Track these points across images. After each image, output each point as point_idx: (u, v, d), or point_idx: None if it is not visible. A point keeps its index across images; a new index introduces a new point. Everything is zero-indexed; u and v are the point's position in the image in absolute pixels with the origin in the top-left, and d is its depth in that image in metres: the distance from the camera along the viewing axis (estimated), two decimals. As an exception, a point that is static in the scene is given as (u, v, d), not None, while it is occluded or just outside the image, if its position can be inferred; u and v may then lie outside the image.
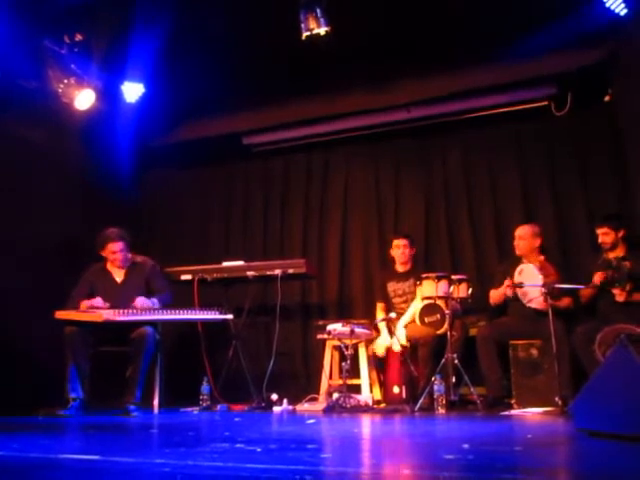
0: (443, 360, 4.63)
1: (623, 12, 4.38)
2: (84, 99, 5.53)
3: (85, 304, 4.76)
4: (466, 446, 2.44)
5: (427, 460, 2.14)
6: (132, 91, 5.64)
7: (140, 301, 4.80)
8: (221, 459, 2.16)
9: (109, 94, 5.69)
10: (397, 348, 5.06)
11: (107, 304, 4.73)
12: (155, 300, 4.91)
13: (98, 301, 4.74)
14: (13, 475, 2.11)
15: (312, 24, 4.47)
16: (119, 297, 4.85)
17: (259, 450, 2.37)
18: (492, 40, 5.06)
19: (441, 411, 4.43)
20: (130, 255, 5.11)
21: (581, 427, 2.86)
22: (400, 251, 5.42)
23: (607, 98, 5.30)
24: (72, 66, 5.45)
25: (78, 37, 5.38)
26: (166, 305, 4.99)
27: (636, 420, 2.44)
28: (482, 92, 5.46)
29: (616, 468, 2.07)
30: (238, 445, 2.56)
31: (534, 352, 4.83)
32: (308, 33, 4.49)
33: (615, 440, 2.51)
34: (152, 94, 5.73)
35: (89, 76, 5.52)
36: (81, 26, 5.33)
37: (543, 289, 4.56)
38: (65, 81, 5.46)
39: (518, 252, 5.04)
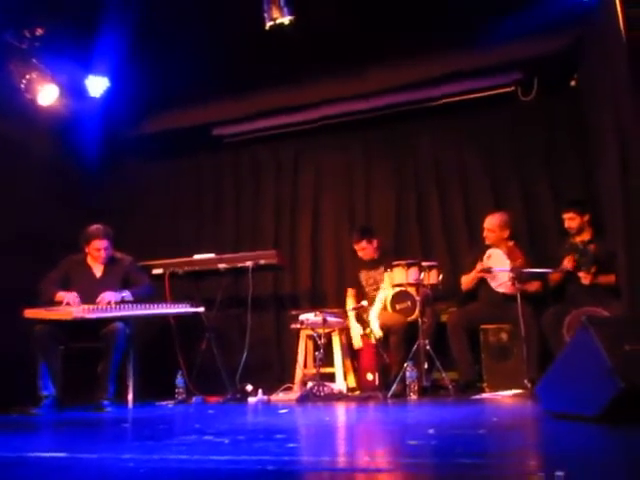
0: (415, 347, 4.67)
1: (588, -1, 4.42)
2: (47, 94, 5.43)
3: (60, 296, 4.70)
4: (431, 431, 2.47)
5: (391, 446, 2.17)
6: (96, 85, 5.55)
7: (106, 296, 4.75)
8: (187, 452, 2.18)
9: (73, 89, 5.60)
10: (374, 339, 5.09)
11: (79, 300, 4.68)
12: (126, 292, 4.87)
13: (73, 296, 4.69)
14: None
15: (275, 13, 4.43)
16: (97, 292, 4.80)
17: (227, 442, 2.38)
18: (459, 27, 5.06)
19: (413, 397, 4.48)
20: (112, 252, 5.08)
21: (547, 409, 2.92)
22: (361, 253, 5.46)
23: (573, 83, 5.35)
24: (33, 60, 5.37)
25: (39, 31, 5.29)
26: (147, 296, 4.97)
27: (598, 401, 2.49)
28: (449, 79, 5.47)
29: (577, 449, 2.12)
30: (207, 437, 2.58)
31: (504, 336, 4.91)
32: (272, 23, 4.45)
33: (579, 421, 2.57)
34: (119, 87, 5.64)
35: (52, 71, 5.43)
36: (43, 19, 5.25)
37: (511, 274, 4.63)
38: (27, 76, 5.37)
39: (487, 242, 5.09)
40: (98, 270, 5.05)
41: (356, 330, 5.27)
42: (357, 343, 5.28)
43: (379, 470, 1.69)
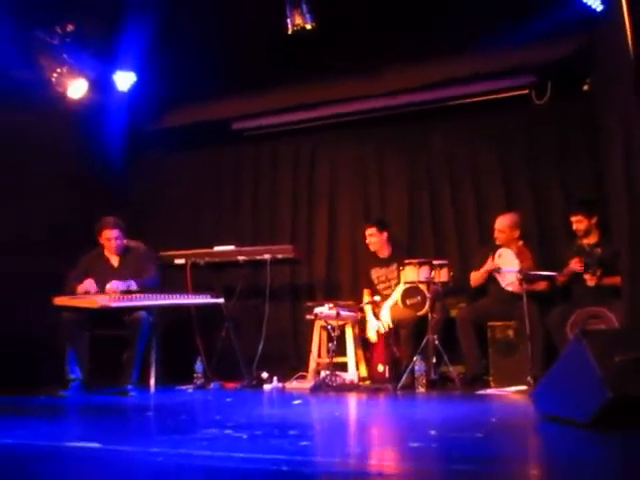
0: (424, 341, 4.87)
1: (599, 8, 4.52)
2: (77, 88, 5.64)
3: (80, 288, 4.96)
4: (433, 432, 2.69)
5: (393, 448, 2.39)
6: (124, 80, 5.75)
7: (112, 285, 4.95)
8: (210, 447, 2.40)
9: (101, 83, 5.81)
10: (382, 330, 5.30)
11: (96, 287, 4.92)
12: (131, 282, 5.03)
13: (90, 283, 4.94)
14: (18, 462, 2.33)
15: (298, 20, 4.59)
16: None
17: (245, 437, 2.61)
18: (474, 30, 5.17)
19: (421, 390, 4.69)
20: (125, 241, 5.32)
21: (542, 412, 3.12)
22: (369, 239, 5.64)
23: (585, 87, 5.45)
24: (64, 56, 5.58)
25: (69, 27, 5.49)
26: (149, 287, 5.11)
27: (588, 408, 2.69)
28: (464, 80, 5.60)
29: (564, 455, 2.32)
30: (227, 431, 2.81)
31: (510, 333, 5.08)
32: (294, 28, 4.61)
33: (570, 426, 2.77)
34: (143, 81, 5.83)
35: (82, 65, 5.64)
36: (72, 16, 5.45)
37: (519, 275, 4.80)
38: (58, 70, 5.58)
39: (498, 242, 5.24)
40: (115, 261, 5.29)
41: (373, 324, 5.45)
42: (373, 337, 5.46)
43: (380, 475, 1.91)
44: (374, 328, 5.43)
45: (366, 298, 5.66)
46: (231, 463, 2.10)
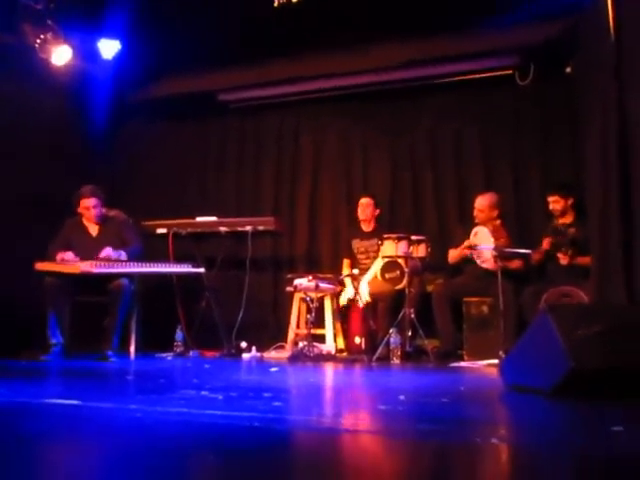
0: (401, 314, 4.99)
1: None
2: (61, 55, 5.62)
3: (59, 256, 5.01)
4: (402, 397, 2.80)
5: (362, 410, 2.49)
6: (109, 48, 5.75)
7: (105, 252, 5.02)
8: (186, 406, 2.49)
9: (86, 50, 5.80)
10: (361, 303, 5.41)
11: (77, 258, 4.97)
12: (122, 252, 5.11)
13: (69, 255, 4.99)
14: (3, 418, 2.41)
15: (284, -7, 4.61)
16: (94, 250, 5.07)
17: (220, 398, 2.71)
18: (461, 9, 5.24)
19: (396, 361, 4.81)
20: (104, 210, 5.35)
21: (509, 382, 3.24)
22: (362, 209, 5.75)
23: (568, 70, 5.52)
24: (48, 22, 5.55)
25: (54, -7, 5.46)
26: (135, 257, 5.19)
27: (550, 378, 2.81)
28: (449, 59, 5.67)
29: (525, 419, 2.44)
30: (203, 393, 2.90)
31: (485, 309, 5.21)
32: (281, 2, 4.63)
33: (534, 394, 2.89)
34: (128, 50, 5.84)
35: (66, 32, 5.62)
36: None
37: (494, 252, 4.92)
38: (42, 37, 5.56)
39: (477, 221, 5.34)
40: (94, 230, 5.32)
41: (348, 292, 5.55)
42: (342, 301, 5.58)
43: (347, 431, 2.01)
44: (347, 295, 5.53)
45: (345, 270, 5.77)
46: (205, 419, 2.19)
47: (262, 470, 1.57)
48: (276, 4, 4.73)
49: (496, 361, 4.70)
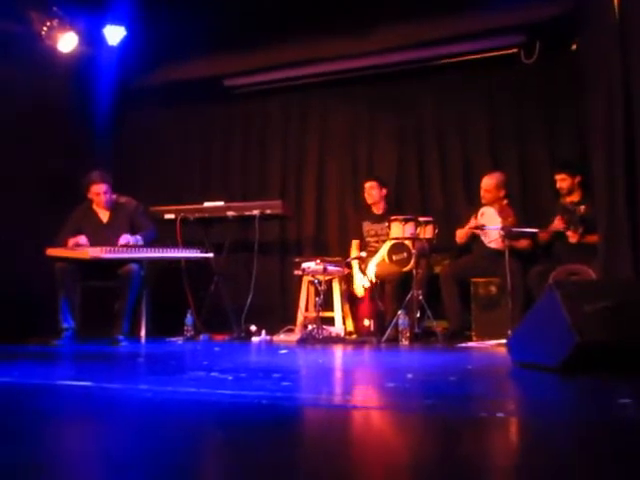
0: (409, 296, 5.01)
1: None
2: (67, 41, 5.65)
3: (71, 241, 5.06)
4: (410, 376, 2.82)
5: (370, 387, 2.52)
6: (114, 34, 5.75)
7: (124, 238, 5.09)
8: (196, 386, 2.53)
9: (91, 37, 5.81)
10: (367, 285, 5.44)
11: (87, 242, 5.03)
12: (139, 237, 5.19)
13: (82, 239, 5.05)
14: (16, 398, 2.45)
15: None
16: (105, 236, 5.15)
17: (230, 378, 2.74)
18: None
19: (405, 343, 4.83)
20: (115, 196, 5.39)
21: (516, 359, 3.26)
22: (368, 193, 5.77)
23: (573, 47, 5.49)
24: (54, 9, 5.56)
25: (60, -20, 5.47)
26: (151, 241, 5.28)
27: (557, 354, 2.82)
28: (454, 39, 5.64)
29: (531, 394, 2.46)
30: (213, 374, 2.93)
31: (493, 289, 5.22)
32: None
33: (542, 371, 2.91)
34: (134, 36, 5.84)
35: (72, 19, 5.63)
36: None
37: (501, 231, 4.92)
38: (48, 24, 5.58)
39: (484, 202, 5.34)
40: (104, 216, 5.37)
41: (359, 280, 5.59)
42: (359, 292, 5.59)
43: (354, 407, 2.04)
44: (361, 284, 5.56)
45: (354, 251, 5.79)
46: (214, 398, 2.23)
47: (270, 444, 1.60)
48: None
49: (504, 341, 4.73)
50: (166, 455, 1.48)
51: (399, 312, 4.91)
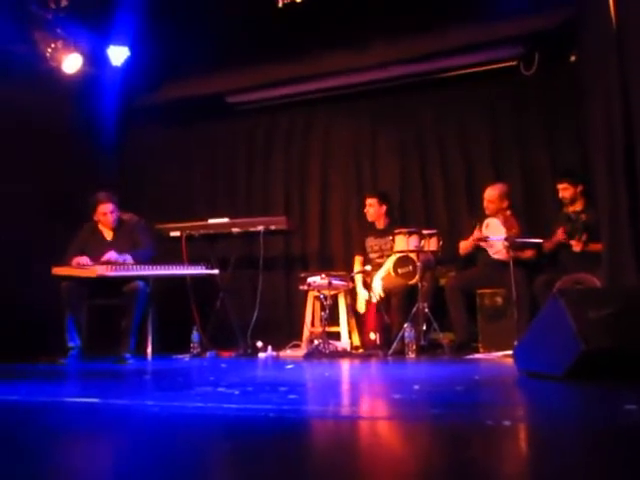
0: (414, 309, 5.01)
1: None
2: (72, 63, 5.71)
3: (75, 261, 5.08)
4: (416, 387, 2.82)
5: (376, 399, 2.52)
6: (118, 54, 5.81)
7: (108, 255, 5.06)
8: (202, 400, 2.53)
9: (95, 58, 5.87)
10: (375, 299, 5.43)
11: (92, 262, 5.04)
12: (128, 256, 5.14)
13: (84, 259, 5.07)
14: (23, 416, 2.46)
15: (288, -7, 4.66)
16: (108, 254, 5.17)
17: (237, 393, 2.74)
18: (463, 2, 5.27)
19: (411, 355, 4.83)
20: (119, 214, 5.43)
21: (523, 368, 3.26)
22: (367, 209, 5.78)
23: (572, 58, 5.52)
24: (58, 30, 5.63)
25: (63, 2, 5.54)
26: (146, 259, 5.24)
27: (563, 362, 2.82)
28: (453, 52, 5.68)
29: (537, 403, 2.45)
30: (220, 389, 2.94)
31: (499, 300, 5.22)
32: (285, 2, 4.67)
33: (546, 379, 2.91)
34: (136, 55, 5.90)
35: (76, 40, 5.70)
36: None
37: (505, 242, 4.92)
38: (52, 45, 5.64)
39: (487, 213, 5.35)
40: (108, 235, 5.40)
41: (362, 295, 5.58)
42: (361, 308, 5.59)
43: (361, 418, 2.04)
44: (363, 299, 5.56)
45: (357, 266, 5.80)
46: (221, 412, 2.23)
47: (277, 455, 1.60)
48: (280, 4, 4.76)
49: (511, 352, 4.72)
50: (174, 469, 1.48)
51: (405, 325, 4.91)
